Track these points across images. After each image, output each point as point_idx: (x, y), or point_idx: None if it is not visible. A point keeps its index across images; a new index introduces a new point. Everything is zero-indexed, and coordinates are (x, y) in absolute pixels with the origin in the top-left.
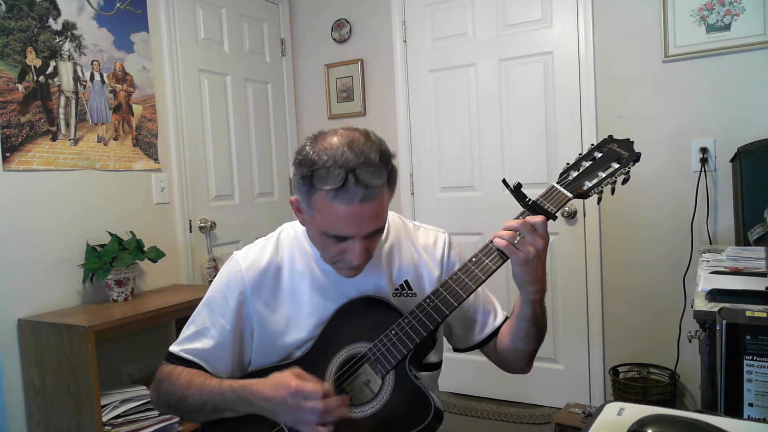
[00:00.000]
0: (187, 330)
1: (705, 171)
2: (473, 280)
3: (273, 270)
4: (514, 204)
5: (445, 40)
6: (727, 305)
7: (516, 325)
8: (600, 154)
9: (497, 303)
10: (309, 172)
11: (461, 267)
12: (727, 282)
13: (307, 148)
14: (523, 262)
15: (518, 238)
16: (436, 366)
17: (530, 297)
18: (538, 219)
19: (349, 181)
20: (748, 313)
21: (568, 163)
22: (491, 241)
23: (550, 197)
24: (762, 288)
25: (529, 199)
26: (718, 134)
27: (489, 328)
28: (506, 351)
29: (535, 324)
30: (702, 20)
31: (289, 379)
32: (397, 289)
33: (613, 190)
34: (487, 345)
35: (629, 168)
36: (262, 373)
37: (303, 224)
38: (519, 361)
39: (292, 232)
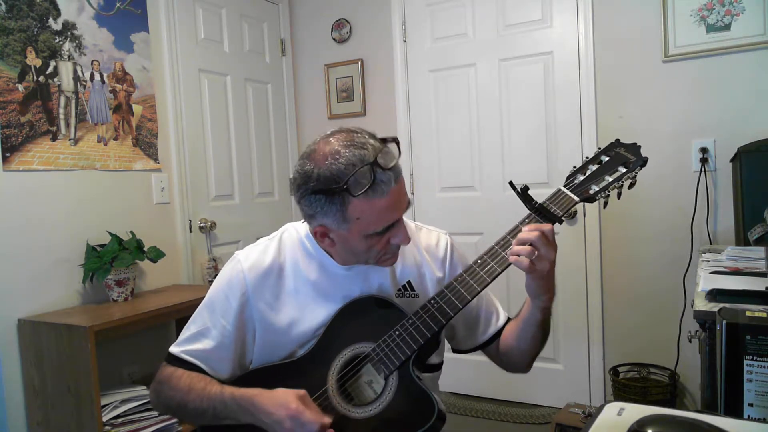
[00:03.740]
0: (188, 331)
1: (705, 171)
2: (478, 282)
3: (275, 270)
4: (514, 204)
5: (445, 40)
6: (727, 305)
7: (522, 329)
8: (607, 158)
9: (499, 304)
10: (340, 188)
11: (466, 269)
12: (727, 282)
13: (316, 170)
14: (540, 277)
15: (536, 253)
16: (437, 367)
17: (541, 305)
18: (548, 227)
19: (378, 173)
20: (748, 313)
21: (575, 167)
22: (497, 244)
23: (557, 200)
24: (762, 288)
25: (536, 202)
26: (718, 134)
27: (492, 330)
28: (510, 352)
29: (543, 328)
30: (702, 20)
31: (291, 399)
32: (399, 290)
33: (619, 195)
34: (489, 346)
35: (636, 172)
36: (264, 371)
37: (333, 246)
38: (521, 362)
39: (295, 232)
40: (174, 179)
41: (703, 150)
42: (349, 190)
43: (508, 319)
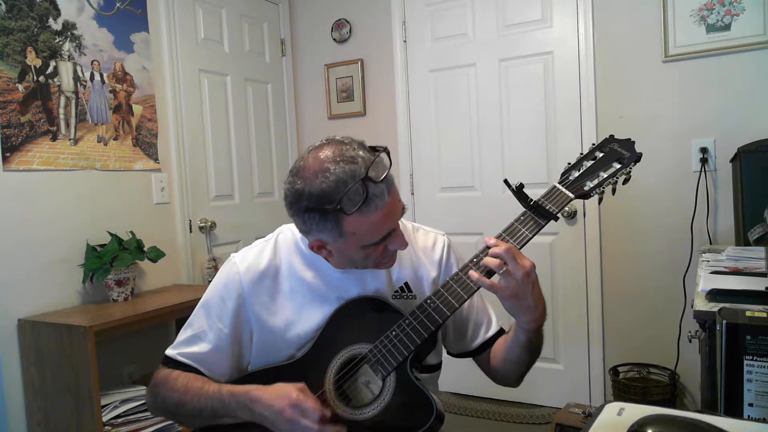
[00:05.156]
0: (184, 333)
1: (705, 171)
2: (473, 279)
3: (271, 272)
4: (515, 204)
5: (445, 40)
6: (727, 305)
7: (509, 348)
8: (601, 154)
9: (493, 314)
10: (333, 208)
11: (462, 267)
12: (727, 282)
13: (306, 189)
14: (513, 296)
15: (504, 268)
16: (436, 367)
17: (524, 326)
18: (528, 263)
19: (370, 187)
20: (748, 313)
21: (569, 163)
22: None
23: (551, 198)
24: (762, 288)
25: (531, 200)
26: (718, 134)
27: (479, 340)
28: (497, 366)
29: (528, 350)
30: (702, 20)
31: (291, 390)
32: (396, 292)
33: (614, 190)
34: (479, 355)
35: (630, 168)
36: (262, 373)
37: (331, 257)
38: (508, 378)
39: (290, 234)
40: (174, 179)
41: (703, 150)
42: (343, 210)
43: (501, 330)
